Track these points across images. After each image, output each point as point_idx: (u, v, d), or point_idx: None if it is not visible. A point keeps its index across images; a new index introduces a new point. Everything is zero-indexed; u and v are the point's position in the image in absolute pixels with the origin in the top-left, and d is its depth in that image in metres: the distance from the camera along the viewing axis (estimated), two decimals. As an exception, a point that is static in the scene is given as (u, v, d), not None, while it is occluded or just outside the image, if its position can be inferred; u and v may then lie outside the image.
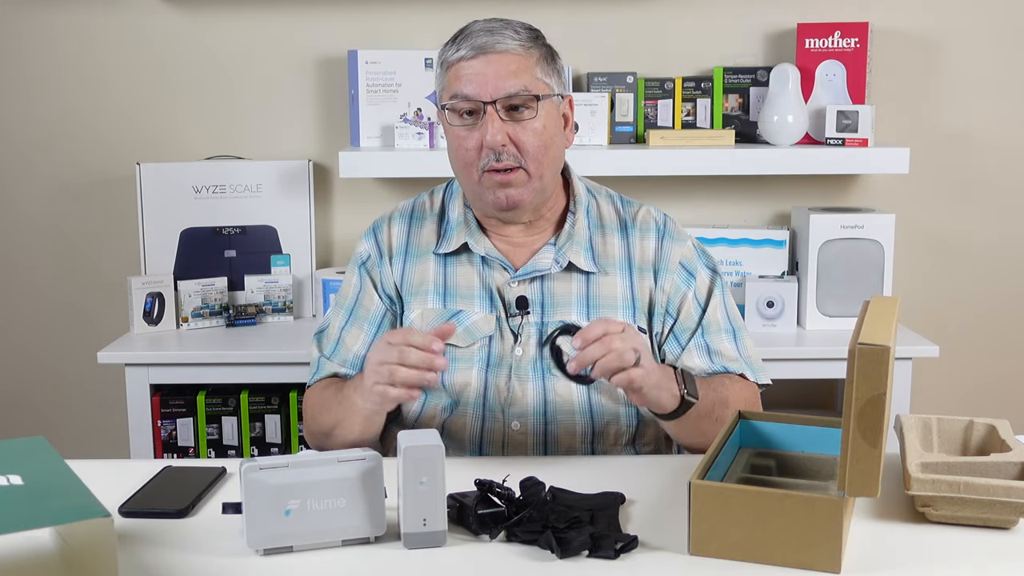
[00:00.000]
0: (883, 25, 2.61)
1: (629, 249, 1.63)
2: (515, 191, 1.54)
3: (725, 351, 1.61)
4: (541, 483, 1.29)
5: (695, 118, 2.61)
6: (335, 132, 2.66)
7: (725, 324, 1.63)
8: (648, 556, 1.17)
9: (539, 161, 1.53)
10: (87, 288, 2.72)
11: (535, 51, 1.54)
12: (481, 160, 1.52)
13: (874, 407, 1.09)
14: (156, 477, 1.40)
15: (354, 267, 1.69)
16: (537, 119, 1.52)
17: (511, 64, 1.51)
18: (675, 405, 1.44)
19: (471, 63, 1.51)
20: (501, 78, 1.50)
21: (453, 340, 1.58)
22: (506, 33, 1.52)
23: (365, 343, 1.64)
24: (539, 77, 1.53)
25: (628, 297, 1.61)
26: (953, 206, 2.70)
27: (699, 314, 1.62)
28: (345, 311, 1.68)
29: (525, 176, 1.53)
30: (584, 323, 1.56)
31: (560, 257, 1.60)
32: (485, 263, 1.61)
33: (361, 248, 1.69)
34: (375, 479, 1.19)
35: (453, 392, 1.59)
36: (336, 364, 1.65)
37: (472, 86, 1.51)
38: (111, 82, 2.65)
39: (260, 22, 2.62)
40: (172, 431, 2.46)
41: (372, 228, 1.70)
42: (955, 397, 2.74)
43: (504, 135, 1.50)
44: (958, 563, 1.15)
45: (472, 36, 1.53)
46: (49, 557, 1.18)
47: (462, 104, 1.52)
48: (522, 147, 1.52)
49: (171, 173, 2.56)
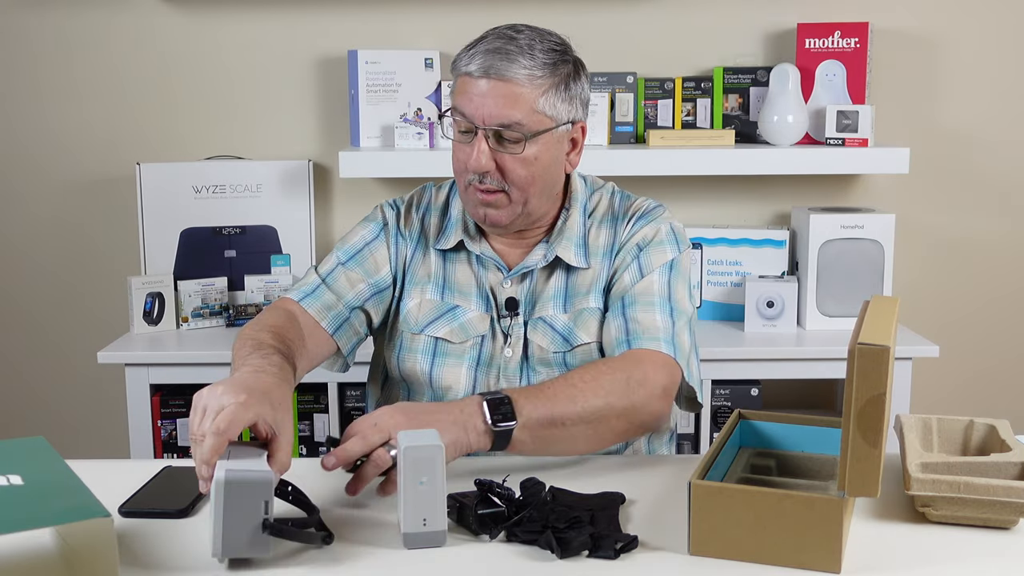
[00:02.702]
0: (883, 25, 2.61)
1: (615, 238, 1.63)
2: (494, 212, 1.54)
3: (645, 321, 1.53)
4: (541, 483, 1.29)
5: (695, 118, 2.61)
6: (335, 132, 2.66)
7: (658, 299, 1.56)
8: (648, 556, 1.17)
9: (523, 190, 1.53)
10: (87, 288, 2.72)
11: (546, 80, 1.50)
12: (468, 175, 1.53)
13: (874, 407, 1.09)
14: (156, 477, 1.40)
15: (370, 224, 1.67)
16: (527, 151, 1.50)
17: (512, 94, 1.48)
18: (488, 441, 1.34)
19: (476, 82, 1.49)
20: (499, 107, 1.48)
21: (447, 335, 1.59)
22: (522, 57, 1.48)
23: (360, 298, 1.61)
24: (540, 110, 1.49)
25: (599, 282, 1.61)
26: (953, 206, 2.70)
27: (632, 284, 1.58)
28: (346, 253, 1.64)
29: (506, 199, 1.53)
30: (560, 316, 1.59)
31: (549, 252, 1.60)
32: (480, 262, 1.62)
33: (385, 215, 1.67)
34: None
35: (439, 389, 1.60)
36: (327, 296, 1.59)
37: (471, 107, 1.49)
38: (111, 82, 2.65)
39: (260, 22, 2.62)
40: (172, 431, 2.46)
41: (394, 203, 1.69)
42: (955, 397, 2.74)
43: (490, 161, 1.50)
44: (958, 563, 1.15)
45: (485, 53, 1.49)
46: (49, 557, 1.18)
47: (460, 120, 1.52)
48: (507, 175, 1.51)
49: (171, 173, 2.56)
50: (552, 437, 1.39)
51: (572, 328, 1.58)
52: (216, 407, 1.19)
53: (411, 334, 1.62)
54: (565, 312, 1.60)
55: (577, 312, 1.59)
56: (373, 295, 1.63)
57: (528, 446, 1.38)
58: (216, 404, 1.19)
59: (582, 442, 1.43)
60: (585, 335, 1.58)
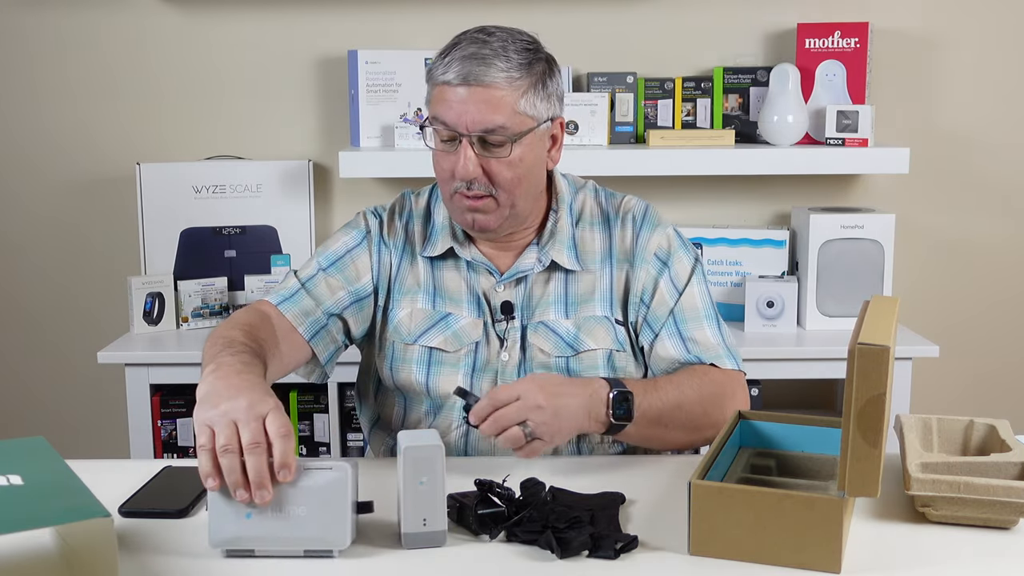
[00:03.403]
0: (883, 25, 2.61)
1: (611, 242, 1.63)
2: (483, 217, 1.54)
3: (700, 339, 1.58)
4: (541, 483, 1.29)
5: (695, 118, 2.61)
6: (335, 132, 2.66)
7: (704, 312, 1.60)
8: (648, 556, 1.17)
9: (511, 192, 1.53)
10: (87, 288, 2.72)
11: (524, 80, 1.49)
12: (454, 183, 1.52)
13: (874, 407, 1.09)
14: (156, 477, 1.40)
15: (352, 231, 1.65)
16: (513, 154, 1.50)
17: (492, 99, 1.48)
18: (602, 430, 1.42)
19: (455, 90, 1.48)
20: (481, 113, 1.47)
21: (441, 344, 1.59)
22: (496, 61, 1.47)
23: (339, 305, 1.60)
24: (521, 111, 1.49)
25: (605, 290, 1.61)
26: (953, 206, 2.70)
27: (673, 300, 1.60)
28: (327, 259, 1.63)
29: (494, 204, 1.53)
30: (563, 322, 1.58)
31: (543, 256, 1.60)
32: (471, 268, 1.62)
33: (368, 223, 1.66)
34: (339, 491, 1.16)
35: (437, 397, 1.59)
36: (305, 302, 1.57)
37: (452, 115, 1.49)
38: (111, 82, 2.65)
39: (260, 22, 2.62)
40: (172, 431, 2.46)
41: (376, 211, 1.68)
42: (955, 397, 2.74)
43: (477, 167, 1.50)
44: (958, 563, 1.15)
45: (461, 60, 1.48)
46: (49, 557, 1.18)
47: (442, 130, 1.51)
48: (494, 179, 1.51)
49: (171, 173, 2.56)
50: (652, 436, 1.49)
51: (577, 334, 1.58)
52: (256, 414, 1.18)
53: (404, 344, 1.61)
54: (568, 317, 1.59)
55: (583, 319, 1.59)
56: (352, 303, 1.61)
57: (629, 438, 1.48)
58: (254, 413, 1.18)
59: (669, 444, 1.53)
60: (592, 341, 1.58)
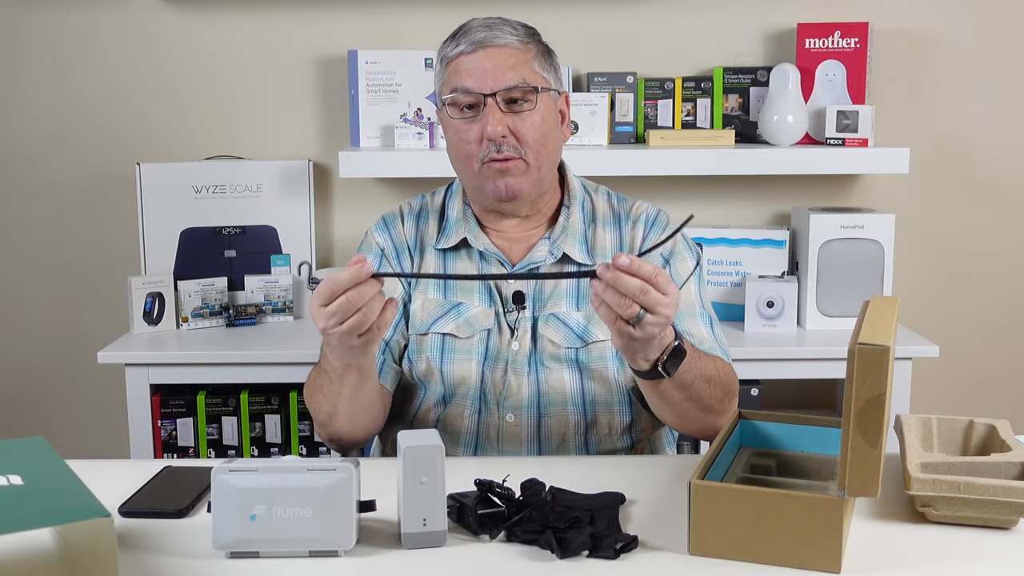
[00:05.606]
0: (883, 25, 2.61)
1: (621, 239, 1.66)
2: (514, 180, 1.56)
3: (695, 332, 1.60)
4: (541, 483, 1.29)
5: (695, 118, 2.61)
6: (335, 132, 2.66)
7: (700, 309, 1.63)
8: (648, 556, 1.17)
9: (538, 152, 1.56)
10: (87, 288, 2.72)
11: (532, 46, 1.58)
12: (481, 151, 1.55)
13: (874, 407, 1.09)
14: (156, 477, 1.40)
15: (368, 254, 1.68)
16: (536, 111, 1.56)
17: (510, 58, 1.55)
18: (646, 368, 1.39)
19: (471, 57, 1.55)
20: (500, 71, 1.54)
21: (453, 331, 1.60)
22: (504, 29, 1.57)
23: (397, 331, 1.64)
24: (537, 71, 1.57)
25: None
26: (953, 206, 2.70)
27: None
28: None
29: (524, 166, 1.56)
30: (573, 313, 1.60)
31: (555, 249, 1.62)
32: (483, 258, 1.64)
33: (378, 239, 1.69)
34: (344, 491, 1.16)
35: (451, 385, 1.60)
36: None
37: (472, 79, 1.54)
38: (111, 82, 2.65)
39: (260, 22, 2.62)
40: (172, 431, 2.46)
41: (384, 223, 1.70)
42: (955, 397, 2.74)
43: (504, 126, 1.54)
44: (958, 563, 1.15)
45: (471, 32, 1.56)
46: (49, 557, 1.18)
47: (462, 98, 1.55)
48: (521, 138, 1.55)
49: (171, 173, 2.56)
50: (673, 398, 1.46)
51: (587, 326, 1.60)
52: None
53: (418, 336, 1.63)
54: (578, 310, 1.61)
55: (593, 311, 1.60)
56: (402, 319, 1.64)
57: (654, 388, 1.44)
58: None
59: (680, 414, 1.50)
60: (601, 333, 1.59)
